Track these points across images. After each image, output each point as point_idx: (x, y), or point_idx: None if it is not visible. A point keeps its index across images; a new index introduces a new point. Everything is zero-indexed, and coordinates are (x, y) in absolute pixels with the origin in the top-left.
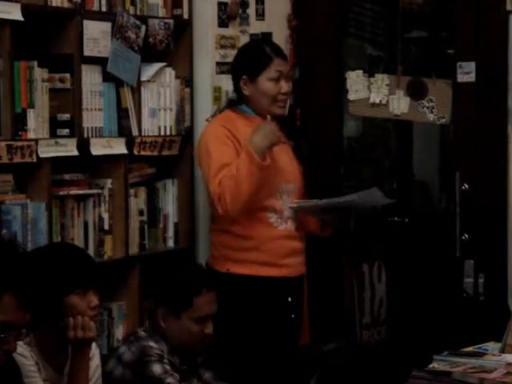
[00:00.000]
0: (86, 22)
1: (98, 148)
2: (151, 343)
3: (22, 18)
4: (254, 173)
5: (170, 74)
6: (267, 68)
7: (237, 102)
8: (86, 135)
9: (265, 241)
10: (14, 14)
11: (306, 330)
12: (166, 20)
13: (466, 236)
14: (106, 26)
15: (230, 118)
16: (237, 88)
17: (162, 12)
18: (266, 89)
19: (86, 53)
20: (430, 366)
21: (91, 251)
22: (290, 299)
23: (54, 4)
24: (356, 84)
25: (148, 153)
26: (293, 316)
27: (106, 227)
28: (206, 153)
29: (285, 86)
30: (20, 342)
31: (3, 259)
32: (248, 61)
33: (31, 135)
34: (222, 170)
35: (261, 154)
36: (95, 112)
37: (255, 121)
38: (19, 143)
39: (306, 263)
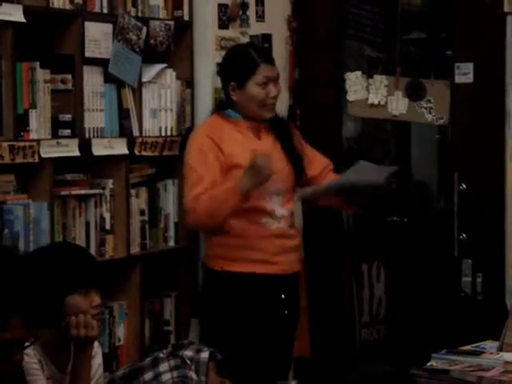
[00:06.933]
0: (87, 24)
1: (99, 148)
2: None
3: (24, 20)
4: (234, 204)
5: (170, 75)
6: (254, 74)
7: (223, 106)
8: (87, 136)
9: (256, 239)
10: (16, 15)
11: (306, 342)
12: (167, 21)
13: (464, 236)
14: (108, 28)
15: (216, 125)
16: (226, 92)
17: (162, 13)
18: (255, 94)
19: (88, 54)
20: (429, 364)
21: (93, 251)
22: (283, 296)
23: (55, 6)
24: (355, 85)
25: (149, 153)
26: (286, 312)
27: (108, 227)
28: (187, 164)
29: (273, 90)
30: None
31: (7, 279)
32: (235, 68)
33: (33, 136)
34: (198, 184)
35: (245, 192)
36: (96, 113)
37: (242, 125)
38: (21, 143)
39: (305, 262)
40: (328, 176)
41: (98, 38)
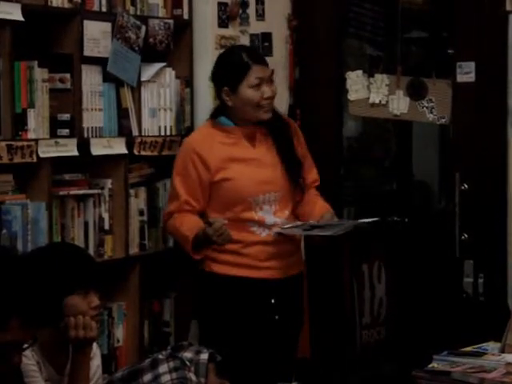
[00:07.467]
0: (86, 23)
1: (98, 148)
2: None
3: (22, 19)
4: (186, 250)
5: (170, 74)
6: (246, 76)
7: (217, 113)
8: (86, 135)
9: (245, 245)
10: (15, 14)
11: (306, 342)
12: (166, 20)
13: (466, 236)
14: (106, 27)
15: (208, 135)
16: (219, 97)
17: (162, 12)
18: (248, 96)
19: (86, 53)
20: (430, 365)
21: (91, 251)
22: (273, 301)
23: (54, 4)
24: (356, 84)
25: (148, 153)
26: (277, 317)
27: (107, 227)
28: (173, 173)
29: (267, 91)
30: None
31: (5, 279)
32: (226, 72)
33: (31, 135)
34: (174, 201)
35: (197, 248)
36: (95, 112)
37: (235, 133)
38: (19, 143)
39: (305, 263)
40: (312, 194)
41: (96, 36)
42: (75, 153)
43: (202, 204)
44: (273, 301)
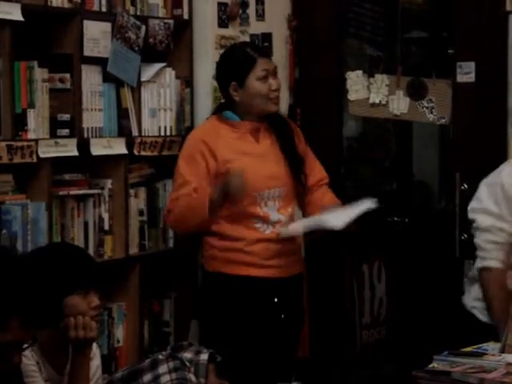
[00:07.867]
0: (86, 23)
1: (98, 148)
2: None
3: (22, 19)
4: (204, 213)
5: (170, 74)
6: (253, 69)
7: (223, 108)
8: (86, 135)
9: (249, 243)
10: (15, 14)
11: (306, 342)
12: (166, 20)
13: (466, 236)
14: (106, 27)
15: (213, 128)
16: (225, 94)
17: (162, 12)
18: (257, 89)
19: (86, 53)
20: (430, 365)
21: (91, 251)
22: (276, 299)
23: (54, 4)
24: (356, 84)
25: (148, 153)
26: (283, 316)
27: (106, 227)
28: (177, 166)
29: (274, 83)
30: None
31: (5, 279)
32: (232, 67)
33: (31, 135)
34: (181, 188)
35: (215, 205)
36: (95, 112)
37: (240, 127)
38: (19, 143)
39: (306, 262)
40: (321, 191)
41: (96, 36)
42: (75, 153)
43: None
44: (276, 299)
